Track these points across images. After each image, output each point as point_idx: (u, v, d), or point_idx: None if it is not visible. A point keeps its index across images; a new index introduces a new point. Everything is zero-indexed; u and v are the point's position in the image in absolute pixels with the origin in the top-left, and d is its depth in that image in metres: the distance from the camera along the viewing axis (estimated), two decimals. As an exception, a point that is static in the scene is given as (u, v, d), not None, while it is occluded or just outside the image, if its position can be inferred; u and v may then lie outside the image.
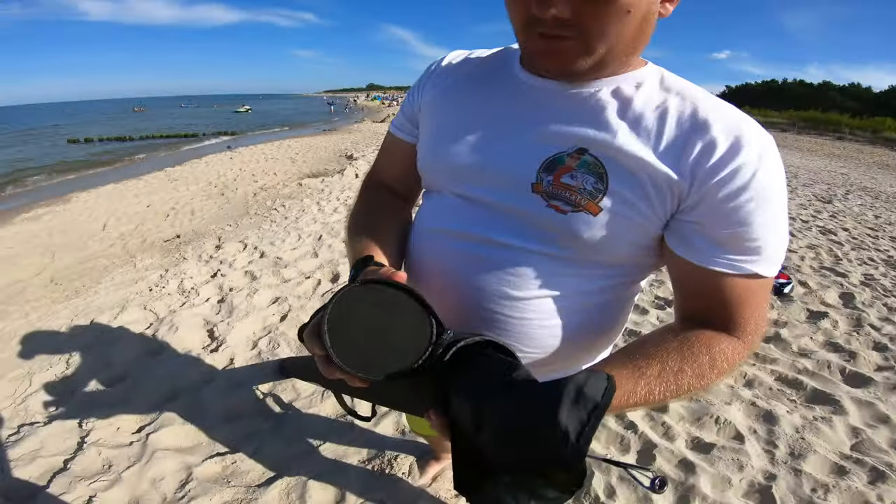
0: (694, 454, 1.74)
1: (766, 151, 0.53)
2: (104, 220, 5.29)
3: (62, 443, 1.73)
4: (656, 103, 0.57)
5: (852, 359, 2.46)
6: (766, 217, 0.53)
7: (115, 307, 2.81)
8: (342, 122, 22.92)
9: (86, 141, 18.17)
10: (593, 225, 0.57)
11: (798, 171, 11.79)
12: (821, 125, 41.82)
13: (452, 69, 0.72)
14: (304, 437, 1.76)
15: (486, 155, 0.62)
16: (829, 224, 5.63)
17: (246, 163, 8.94)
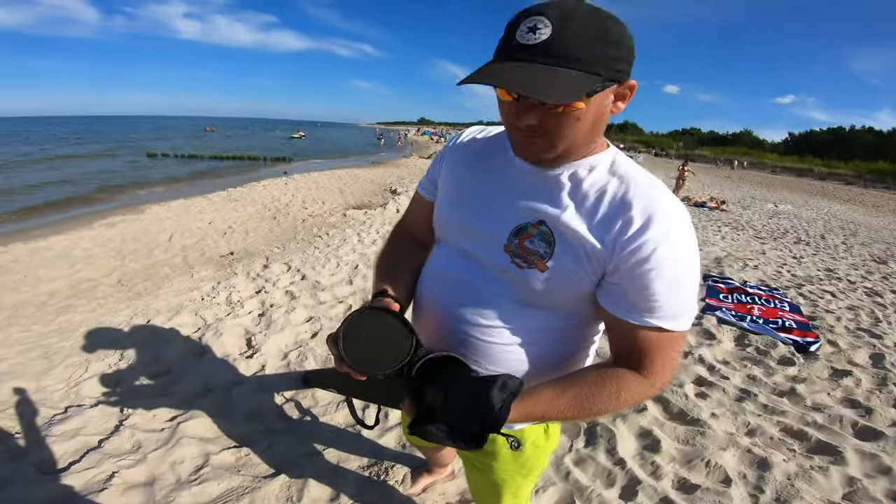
0: (677, 494, 1.79)
1: (670, 230, 0.69)
2: (171, 232, 5.82)
3: (102, 424, 1.95)
4: (599, 186, 0.74)
5: (868, 414, 2.42)
6: (664, 284, 0.69)
7: (170, 311, 3.14)
8: (390, 156, 23.78)
9: (163, 156, 19.84)
10: (541, 279, 0.75)
11: (858, 229, 11.22)
12: (889, 177, 39.32)
13: (466, 146, 0.93)
14: (313, 441, 1.95)
15: (477, 220, 0.83)
16: (879, 286, 5.38)
17: (299, 189, 9.51)
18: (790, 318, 3.71)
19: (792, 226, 10.12)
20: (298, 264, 4.23)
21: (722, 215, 10.46)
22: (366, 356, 0.71)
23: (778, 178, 37.70)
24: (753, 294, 4.25)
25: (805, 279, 5.27)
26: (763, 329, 3.42)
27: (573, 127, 0.68)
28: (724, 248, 6.55)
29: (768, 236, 8.20)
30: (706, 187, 18.66)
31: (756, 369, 2.86)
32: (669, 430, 2.19)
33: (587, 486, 1.79)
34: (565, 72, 0.61)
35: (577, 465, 1.92)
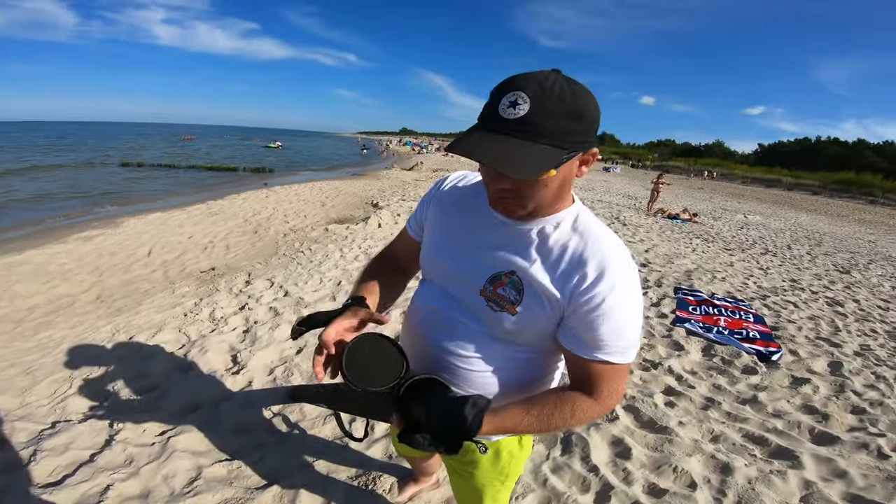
0: (647, 498, 1.92)
1: (616, 283, 0.82)
2: (149, 247, 5.76)
3: (93, 439, 1.99)
4: (563, 242, 0.87)
5: (825, 420, 2.60)
6: (608, 327, 0.82)
7: (153, 327, 3.16)
8: (371, 168, 23.81)
9: (138, 166, 19.42)
10: (511, 321, 0.89)
11: (823, 239, 11.72)
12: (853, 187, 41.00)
13: (448, 193, 1.05)
14: (302, 453, 2.02)
15: (457, 266, 0.96)
16: (840, 295, 5.68)
17: (280, 202, 9.50)
18: (754, 328, 3.92)
19: (760, 237, 10.52)
20: (281, 280, 4.27)
21: (694, 227, 10.81)
22: (365, 375, 0.83)
23: (748, 188, 38.92)
24: (720, 306, 4.46)
25: (770, 290, 5.53)
26: (728, 340, 3.60)
27: (542, 191, 0.80)
28: (695, 261, 6.80)
29: (737, 248, 8.52)
30: (679, 198, 19.20)
31: (721, 378, 3.03)
32: (640, 438, 2.32)
33: (564, 493, 1.90)
34: (537, 147, 0.72)
35: (554, 472, 2.03)
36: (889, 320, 4.80)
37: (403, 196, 10.84)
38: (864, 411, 2.74)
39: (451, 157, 34.26)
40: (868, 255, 9.72)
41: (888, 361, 3.56)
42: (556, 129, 0.72)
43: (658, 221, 11.16)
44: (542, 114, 0.71)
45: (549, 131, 0.72)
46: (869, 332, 4.32)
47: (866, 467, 2.22)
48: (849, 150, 62.38)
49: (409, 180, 15.73)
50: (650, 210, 12.84)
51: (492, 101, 0.75)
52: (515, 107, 0.71)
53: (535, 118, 0.71)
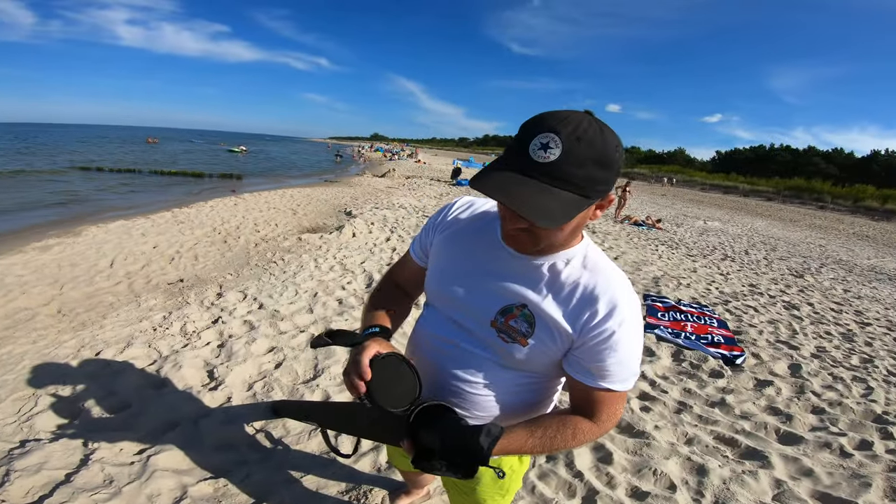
0: (630, 501, 1.99)
1: (625, 319, 0.86)
2: (112, 257, 5.54)
3: (66, 458, 1.91)
4: (574, 279, 0.90)
5: (789, 420, 2.74)
6: (615, 359, 0.87)
7: (120, 342, 3.04)
8: (342, 175, 23.61)
9: (97, 170, 18.56)
10: (522, 352, 0.92)
11: (777, 244, 12.28)
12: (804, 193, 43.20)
13: (455, 222, 1.06)
14: (289, 469, 2.00)
15: (467, 297, 0.97)
16: (796, 299, 5.97)
17: (249, 210, 9.30)
18: (718, 333, 4.09)
19: (720, 242, 10.96)
20: (255, 292, 4.18)
21: (658, 234, 11.18)
22: (385, 394, 0.85)
23: (707, 195, 40.43)
24: (686, 312, 4.63)
25: (731, 295, 5.77)
26: (695, 345, 3.75)
27: (557, 233, 0.83)
28: (661, 268, 7.03)
29: (699, 254, 8.86)
30: (644, 205, 19.79)
31: (691, 383, 3.15)
32: (620, 443, 2.39)
33: (551, 499, 1.95)
34: (563, 195, 0.73)
35: (541, 479, 2.08)
36: (842, 322, 5.09)
37: (377, 204, 10.78)
38: (824, 411, 2.90)
39: (423, 163, 34.29)
40: (819, 259, 10.26)
41: (844, 363, 3.78)
42: (583, 177, 0.72)
43: (625, 228, 11.48)
44: (571, 161, 0.71)
45: (576, 179, 0.72)
46: (824, 334, 4.57)
47: (830, 465, 2.35)
48: (800, 158, 65.71)
49: (382, 187, 15.66)
50: (618, 217, 13.20)
51: (521, 138, 0.74)
52: (546, 150, 0.71)
53: (565, 165, 0.71)
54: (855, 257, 11.76)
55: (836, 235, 18.20)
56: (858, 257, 11.89)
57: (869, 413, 2.91)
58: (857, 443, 2.58)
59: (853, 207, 36.99)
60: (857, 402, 3.05)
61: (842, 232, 20.15)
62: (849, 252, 12.83)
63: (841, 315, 5.43)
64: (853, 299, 6.43)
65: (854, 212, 35.32)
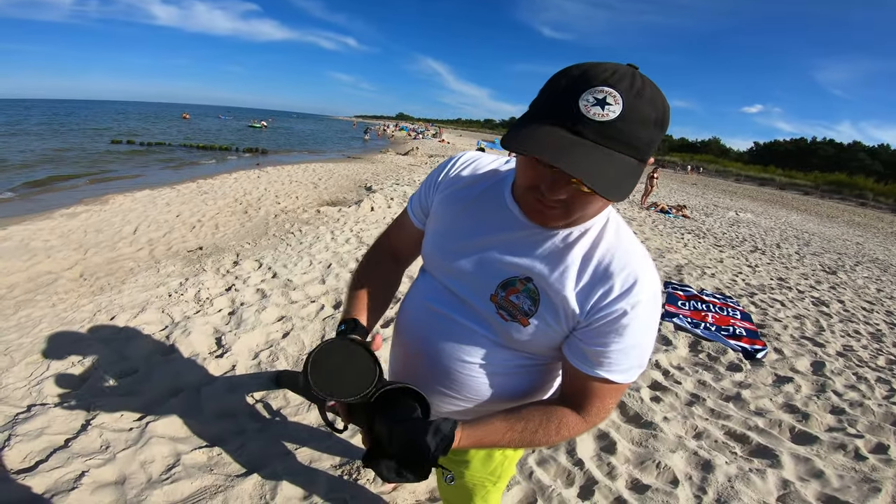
0: (630, 493, 1.92)
1: (639, 302, 0.74)
2: (136, 225, 5.67)
3: (67, 423, 1.94)
4: (588, 252, 0.78)
5: (805, 420, 2.62)
6: (620, 345, 0.76)
7: (135, 307, 3.10)
8: (365, 152, 23.61)
9: (128, 143, 19.04)
10: (522, 332, 0.81)
11: (812, 239, 11.82)
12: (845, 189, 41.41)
13: (457, 179, 0.93)
14: (285, 441, 2.00)
15: (467, 266, 0.86)
16: (826, 295, 5.73)
17: (272, 182, 9.39)
18: (741, 325, 3.94)
19: (750, 234, 10.59)
20: (270, 262, 4.21)
21: (686, 222, 10.86)
22: (331, 382, 0.75)
23: (741, 186, 39.16)
24: (709, 302, 4.48)
25: (758, 288, 5.57)
26: (715, 336, 3.62)
27: (595, 204, 0.71)
28: (686, 256, 6.83)
29: (727, 244, 8.57)
30: (673, 193, 19.26)
31: (706, 374, 3.04)
32: (625, 433, 2.32)
33: (549, 486, 1.90)
34: (623, 160, 0.61)
35: (540, 465, 2.03)
36: (873, 322, 4.86)
37: (398, 180, 10.75)
38: (844, 412, 2.77)
39: (447, 143, 34.00)
40: (855, 257, 9.82)
41: (870, 363, 3.60)
42: (643, 139, 0.62)
43: (651, 215, 11.19)
44: (634, 120, 0.60)
45: (637, 141, 0.62)
46: (853, 333, 4.36)
47: (842, 468, 2.24)
48: (843, 152, 62.93)
49: (404, 165, 15.62)
50: (644, 203, 12.87)
51: (567, 91, 0.61)
52: (604, 107, 0.59)
53: (626, 125, 0.60)
54: (892, 257, 11.21)
55: (875, 233, 17.39)
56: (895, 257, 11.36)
57: (889, 416, 2.76)
58: (873, 446, 2.45)
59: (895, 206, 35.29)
60: (878, 403, 2.90)
61: (881, 230, 19.24)
62: (886, 251, 12.24)
63: (872, 314, 5.19)
64: (886, 299, 6.14)
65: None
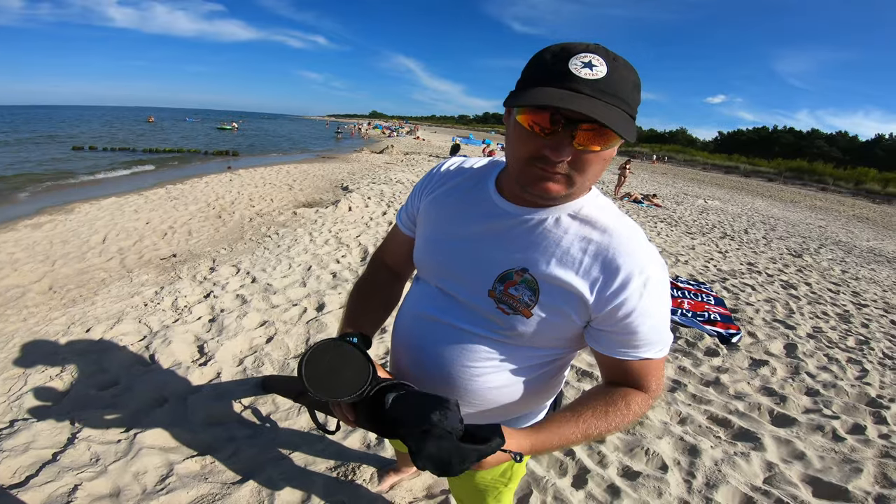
0: (622, 480, 1.97)
1: (649, 281, 0.75)
2: (104, 234, 5.49)
3: (53, 437, 1.90)
4: (583, 234, 0.78)
5: (782, 402, 2.72)
6: (647, 326, 0.76)
7: (110, 318, 3.01)
8: (340, 151, 23.38)
9: (90, 149, 18.34)
10: (526, 324, 0.80)
11: (777, 224, 12.22)
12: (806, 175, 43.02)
13: (443, 181, 0.94)
14: (277, 446, 1.98)
15: (460, 264, 0.85)
16: (794, 278, 5.94)
17: (244, 185, 9.20)
18: (715, 311, 4.06)
19: (719, 221, 10.89)
20: (248, 266, 4.14)
21: (658, 211, 11.10)
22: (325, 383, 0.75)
23: (708, 174, 40.20)
24: (684, 289, 4.60)
25: (729, 273, 5.74)
26: (691, 322, 3.72)
27: (596, 166, 0.71)
28: (660, 245, 6.99)
29: (698, 231, 8.80)
30: (645, 183, 19.65)
31: (686, 360, 3.13)
32: (612, 421, 2.37)
33: (543, 477, 1.93)
34: (619, 111, 0.65)
35: (532, 456, 2.05)
36: (839, 303, 5.06)
37: (374, 179, 10.67)
38: (818, 393, 2.88)
39: (422, 140, 33.90)
40: (819, 240, 10.21)
41: (839, 344, 3.76)
42: (629, 96, 0.66)
43: (624, 205, 11.40)
44: (618, 79, 0.65)
45: (624, 97, 0.66)
46: (821, 314, 4.54)
47: (822, 449, 2.33)
48: (803, 140, 65.29)
49: (380, 163, 15.52)
50: (617, 194, 13.10)
51: (555, 60, 0.66)
52: (592, 68, 0.64)
53: (614, 82, 0.64)
54: (854, 239, 11.70)
55: (836, 217, 18.10)
56: (858, 239, 11.83)
57: (863, 396, 2.89)
58: (849, 426, 2.55)
59: (854, 190, 36.87)
60: (851, 384, 3.03)
61: (842, 214, 20.04)
62: (848, 234, 12.77)
63: (838, 296, 5.40)
64: (851, 280, 6.40)
65: (855, 194, 35.19)
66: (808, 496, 2.00)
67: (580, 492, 1.89)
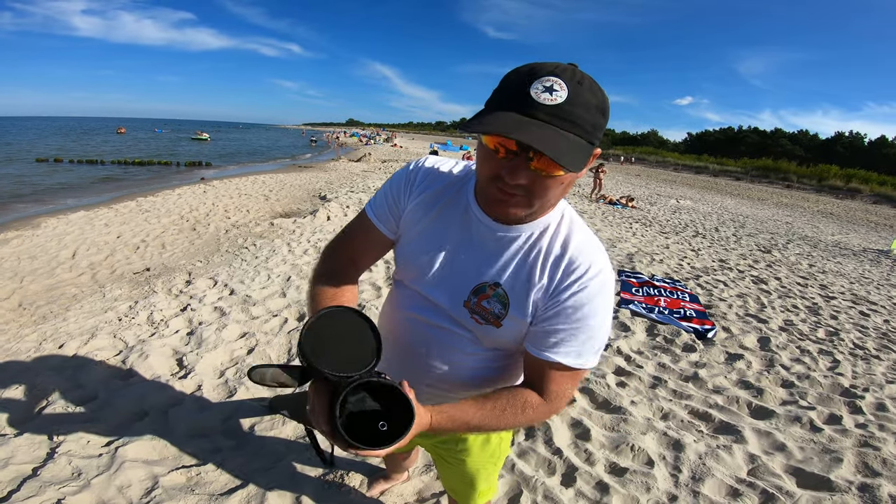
0: (610, 477, 2.00)
1: (585, 287, 0.81)
2: (73, 248, 5.33)
3: (32, 452, 1.85)
4: (548, 248, 0.84)
5: (759, 395, 2.80)
6: (569, 327, 0.81)
7: (84, 334, 2.92)
8: (317, 160, 23.21)
9: (55, 161, 17.74)
10: (496, 333, 0.88)
11: (746, 221, 12.59)
12: (772, 173, 44.42)
13: (425, 185, 0.94)
14: (264, 455, 1.95)
15: (440, 272, 0.91)
16: (764, 273, 6.13)
17: (219, 197, 9.04)
18: (690, 307, 4.16)
19: (691, 220, 11.17)
20: (226, 278, 4.07)
21: (633, 212, 11.33)
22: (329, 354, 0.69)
23: (680, 175, 41.14)
24: (660, 287, 4.71)
25: (702, 270, 5.89)
26: (668, 319, 3.81)
27: (555, 189, 0.74)
28: (635, 245, 7.13)
29: (671, 231, 9.01)
30: (619, 185, 20.02)
31: (665, 357, 3.20)
32: (597, 419, 2.41)
33: (532, 476, 1.95)
34: (574, 138, 0.67)
35: (521, 457, 2.08)
36: (808, 296, 5.25)
37: (352, 188, 10.62)
38: (794, 385, 2.97)
39: (400, 147, 33.86)
40: (786, 236, 10.56)
41: (810, 336, 3.89)
42: (588, 122, 0.68)
43: (600, 207, 11.59)
44: (578, 104, 0.66)
45: (584, 123, 0.67)
46: (791, 307, 4.70)
47: (802, 440, 2.39)
48: (767, 139, 67.37)
49: (358, 171, 15.47)
50: (593, 197, 13.33)
51: (518, 83, 0.68)
52: (552, 93, 0.65)
53: (572, 108, 0.66)
54: (820, 234, 12.14)
55: (802, 213, 18.75)
56: (823, 233, 12.28)
57: (836, 387, 2.99)
58: (826, 417, 2.64)
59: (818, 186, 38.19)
60: (824, 375, 3.13)
61: (807, 209, 20.76)
62: (814, 229, 13.24)
63: (807, 289, 5.60)
64: (818, 274, 6.64)
65: (819, 191, 36.47)
66: (793, 486, 2.05)
67: (570, 490, 1.91)
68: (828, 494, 2.00)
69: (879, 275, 7.30)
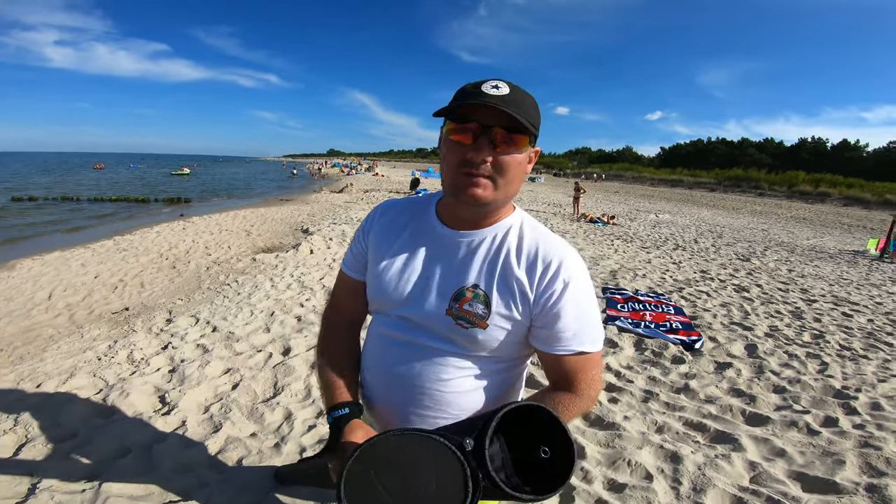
0: (609, 494, 1.96)
1: (573, 274, 0.87)
2: (50, 290, 5.21)
3: (13, 488, 1.80)
4: (517, 245, 0.90)
5: (752, 401, 2.80)
6: (574, 314, 0.86)
7: (63, 373, 2.83)
8: (299, 192, 23.17)
9: (30, 200, 17.46)
10: (484, 334, 0.88)
11: (723, 231, 12.85)
12: (743, 182, 45.67)
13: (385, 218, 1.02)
14: (253, 488, 1.89)
15: (415, 291, 0.92)
16: (745, 281, 6.23)
17: (199, 234, 8.93)
18: (676, 320, 4.20)
19: (671, 233, 11.36)
20: (207, 316, 3.99)
21: (614, 229, 11.49)
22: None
23: (656, 189, 42.08)
24: (645, 301, 4.75)
25: (684, 282, 5.97)
26: (655, 333, 3.83)
27: (515, 169, 0.83)
28: (618, 261, 7.21)
29: (652, 245, 9.14)
30: (599, 203, 20.35)
31: (655, 370, 3.20)
32: (591, 436, 2.39)
33: (527, 499, 1.89)
34: (522, 118, 0.79)
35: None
36: (790, 301, 5.33)
37: (335, 219, 10.60)
38: (785, 390, 2.98)
39: (381, 176, 34.03)
40: (763, 243, 10.79)
41: (796, 340, 3.94)
42: (529, 113, 0.81)
43: (582, 226, 11.74)
44: (519, 97, 0.81)
45: (527, 107, 0.81)
46: (774, 313, 4.77)
47: (801, 444, 2.38)
48: (735, 149, 69.52)
49: (340, 203, 15.47)
50: (575, 215, 13.51)
51: (472, 86, 0.83)
52: (499, 89, 0.80)
53: (515, 97, 0.80)
54: (795, 239, 12.44)
55: (777, 220, 19.23)
56: (799, 238, 12.59)
57: (828, 389, 3.01)
58: (822, 420, 2.64)
59: (789, 193, 39.39)
60: (814, 378, 3.16)
61: (781, 216, 21.31)
62: (789, 234, 13.57)
63: (788, 294, 5.69)
64: (798, 278, 6.77)
65: (790, 197, 37.60)
66: (799, 492, 2.03)
67: (568, 509, 1.87)
68: (836, 497, 1.99)
69: (858, 275, 7.48)
